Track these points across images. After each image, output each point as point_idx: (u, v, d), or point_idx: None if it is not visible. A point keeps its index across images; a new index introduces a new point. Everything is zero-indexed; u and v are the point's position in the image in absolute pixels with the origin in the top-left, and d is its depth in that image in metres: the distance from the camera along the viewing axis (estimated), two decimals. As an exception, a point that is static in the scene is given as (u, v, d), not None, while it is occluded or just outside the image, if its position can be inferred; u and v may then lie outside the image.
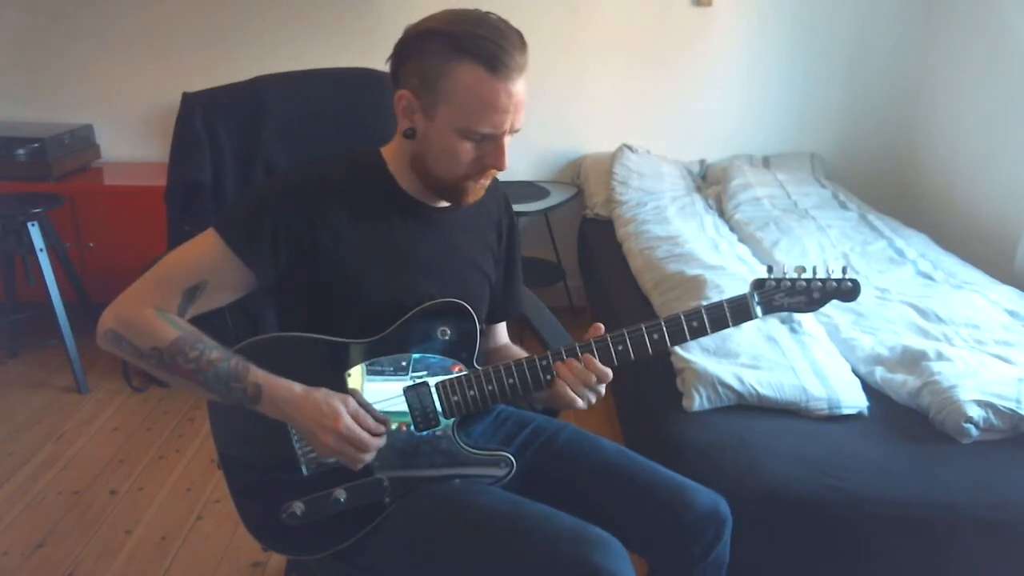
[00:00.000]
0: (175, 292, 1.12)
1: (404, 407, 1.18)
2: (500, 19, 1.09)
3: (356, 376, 1.17)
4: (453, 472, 1.20)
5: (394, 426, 1.17)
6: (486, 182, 1.19)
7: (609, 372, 1.17)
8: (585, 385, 1.17)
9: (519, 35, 1.09)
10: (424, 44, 1.08)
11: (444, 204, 1.23)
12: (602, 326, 1.21)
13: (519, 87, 1.09)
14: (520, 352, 1.35)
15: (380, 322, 1.19)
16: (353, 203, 1.18)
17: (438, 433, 1.20)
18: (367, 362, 1.18)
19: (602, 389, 1.19)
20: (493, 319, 1.41)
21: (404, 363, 1.19)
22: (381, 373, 1.18)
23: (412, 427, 1.19)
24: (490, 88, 1.06)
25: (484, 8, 1.11)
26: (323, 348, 1.17)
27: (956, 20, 3.06)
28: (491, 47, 1.05)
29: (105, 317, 1.11)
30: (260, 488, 1.18)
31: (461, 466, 1.20)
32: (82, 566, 1.92)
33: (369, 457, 1.13)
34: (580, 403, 1.18)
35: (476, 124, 1.08)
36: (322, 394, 1.10)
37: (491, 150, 1.12)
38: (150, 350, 1.08)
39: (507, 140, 1.12)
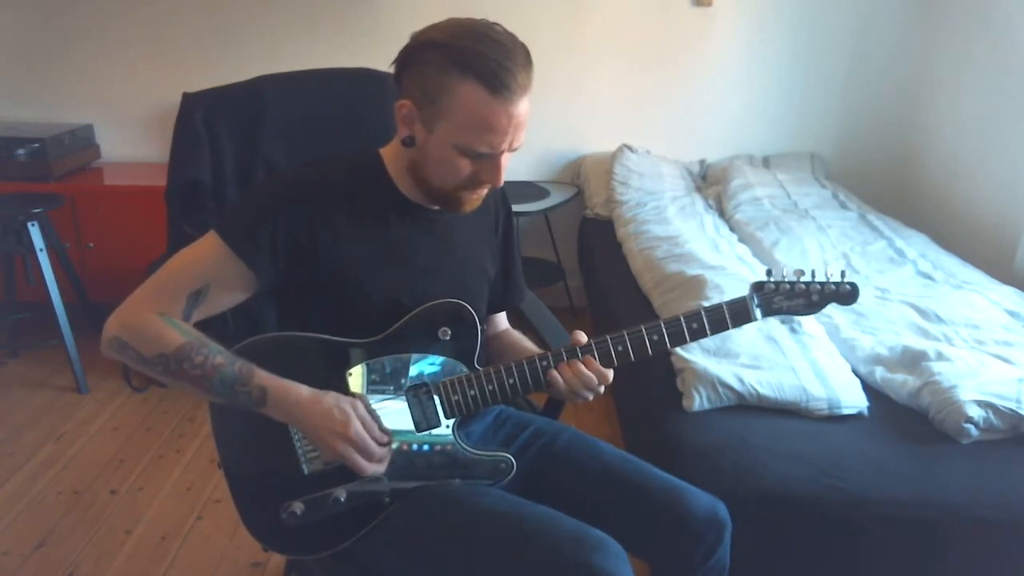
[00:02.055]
0: (179, 297, 1.11)
1: (405, 407, 1.18)
2: (506, 33, 1.06)
3: (357, 376, 1.17)
4: (453, 472, 1.20)
5: (394, 429, 1.17)
6: (483, 192, 1.18)
7: (609, 374, 1.19)
8: (587, 388, 1.18)
9: (524, 51, 1.06)
10: (426, 56, 1.06)
11: None
12: (583, 334, 1.20)
13: (520, 108, 1.06)
14: (520, 337, 1.39)
15: (380, 322, 1.19)
16: (352, 204, 1.18)
17: (439, 433, 1.20)
18: (368, 362, 1.17)
19: (602, 390, 1.20)
20: (493, 310, 1.41)
21: (405, 363, 1.19)
22: (382, 373, 1.18)
23: (413, 427, 1.18)
24: (490, 109, 1.04)
25: (485, 10, 1.10)
26: (324, 348, 1.17)
27: (956, 20, 3.05)
28: (493, 66, 1.02)
29: (109, 325, 1.10)
30: (260, 488, 1.18)
31: (461, 467, 1.20)
32: (82, 566, 1.92)
33: (374, 468, 1.12)
34: (578, 400, 1.20)
35: (474, 143, 1.07)
36: (332, 398, 1.10)
37: (488, 167, 1.11)
38: (156, 356, 1.07)
39: (505, 157, 1.12)
